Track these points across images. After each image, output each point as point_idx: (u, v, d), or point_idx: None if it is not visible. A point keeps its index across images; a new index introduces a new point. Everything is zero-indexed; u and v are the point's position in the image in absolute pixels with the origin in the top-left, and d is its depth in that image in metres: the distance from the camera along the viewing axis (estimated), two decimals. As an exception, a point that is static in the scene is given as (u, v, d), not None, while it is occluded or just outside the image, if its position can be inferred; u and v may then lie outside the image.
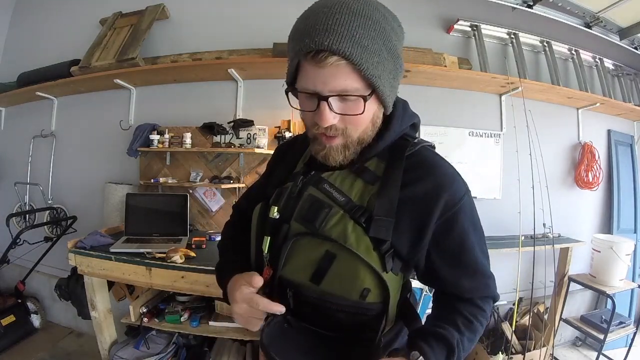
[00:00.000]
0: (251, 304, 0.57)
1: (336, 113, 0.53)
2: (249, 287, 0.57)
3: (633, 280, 2.40)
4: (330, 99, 0.52)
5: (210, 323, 1.71)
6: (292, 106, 0.59)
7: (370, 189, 0.58)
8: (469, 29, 2.39)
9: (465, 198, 0.58)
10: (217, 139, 2.19)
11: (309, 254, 0.57)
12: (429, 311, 1.77)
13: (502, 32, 2.43)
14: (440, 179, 0.58)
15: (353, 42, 0.48)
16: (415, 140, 0.62)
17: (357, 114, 0.53)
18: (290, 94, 0.60)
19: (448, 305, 0.62)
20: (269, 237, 0.61)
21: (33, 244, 2.30)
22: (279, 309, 0.56)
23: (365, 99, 0.52)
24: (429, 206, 0.56)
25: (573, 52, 2.61)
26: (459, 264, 0.60)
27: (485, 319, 0.62)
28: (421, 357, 0.51)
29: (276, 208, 0.62)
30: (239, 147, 2.13)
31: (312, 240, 0.57)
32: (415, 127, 0.67)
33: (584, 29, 2.55)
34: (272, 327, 0.59)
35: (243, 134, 2.19)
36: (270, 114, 2.19)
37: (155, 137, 2.12)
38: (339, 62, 0.49)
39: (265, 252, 0.61)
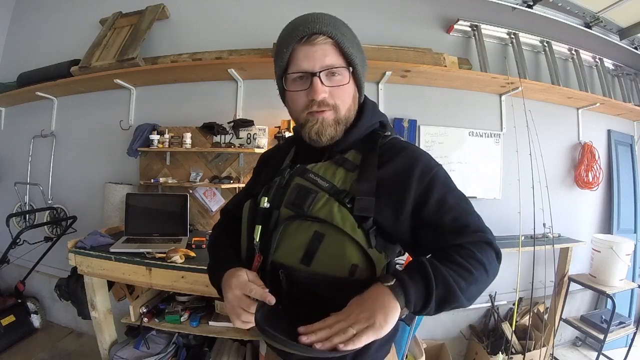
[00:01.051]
0: (245, 291, 0.59)
1: (326, 86, 0.64)
2: (246, 276, 0.61)
3: (633, 280, 2.40)
4: (320, 74, 0.63)
5: (210, 323, 1.71)
6: (287, 89, 0.69)
7: (351, 176, 0.65)
8: (469, 29, 2.38)
9: (437, 168, 0.65)
10: (217, 139, 2.20)
11: (299, 236, 0.62)
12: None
13: (502, 32, 2.43)
14: (412, 155, 0.66)
15: (335, 28, 0.64)
16: (387, 134, 0.72)
17: (343, 84, 0.65)
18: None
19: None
20: (260, 226, 0.67)
21: (33, 244, 2.30)
22: (271, 299, 0.58)
23: (349, 70, 0.65)
24: (405, 179, 0.62)
25: (573, 52, 2.61)
26: (441, 225, 0.60)
27: (477, 260, 0.56)
28: (395, 279, 0.52)
29: (266, 199, 0.69)
30: (239, 147, 2.13)
31: (302, 223, 0.62)
32: (383, 125, 0.75)
33: (584, 29, 2.55)
34: (266, 312, 0.59)
35: (243, 134, 2.19)
36: (270, 114, 2.19)
37: (155, 137, 2.12)
38: (327, 40, 0.63)
39: (257, 240, 0.67)
